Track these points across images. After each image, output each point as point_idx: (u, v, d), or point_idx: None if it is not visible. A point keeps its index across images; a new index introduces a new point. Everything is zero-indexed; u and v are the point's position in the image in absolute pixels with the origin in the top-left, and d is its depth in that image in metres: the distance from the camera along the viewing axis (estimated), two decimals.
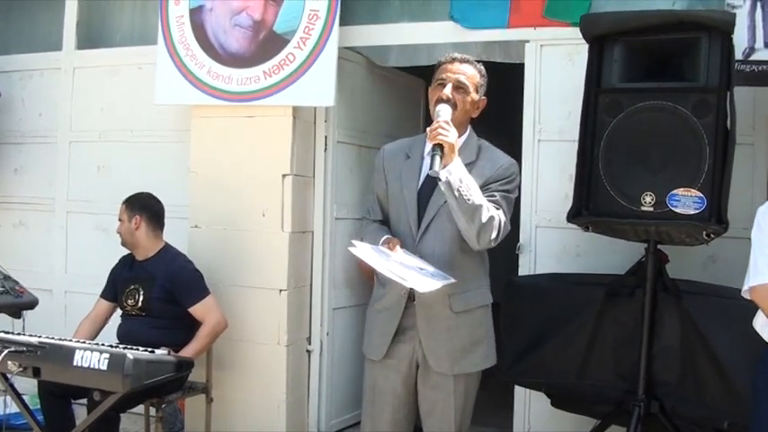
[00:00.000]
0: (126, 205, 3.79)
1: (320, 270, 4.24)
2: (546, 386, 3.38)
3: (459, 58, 2.82)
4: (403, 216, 2.79)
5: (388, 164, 2.88)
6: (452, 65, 2.80)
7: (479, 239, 2.65)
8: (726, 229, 2.85)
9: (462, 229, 2.65)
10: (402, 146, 2.94)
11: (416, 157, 2.83)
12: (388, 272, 2.54)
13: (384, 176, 2.88)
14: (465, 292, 2.76)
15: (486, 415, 4.48)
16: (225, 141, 4.19)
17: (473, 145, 2.83)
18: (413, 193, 2.78)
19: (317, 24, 3.95)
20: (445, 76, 2.77)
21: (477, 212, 2.58)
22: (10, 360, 2.94)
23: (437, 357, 2.75)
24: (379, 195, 2.91)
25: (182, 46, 4.23)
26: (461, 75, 2.77)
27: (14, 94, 4.95)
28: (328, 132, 4.21)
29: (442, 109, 2.67)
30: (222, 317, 3.69)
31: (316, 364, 4.25)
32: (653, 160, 2.95)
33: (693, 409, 3.03)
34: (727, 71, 2.87)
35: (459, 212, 2.59)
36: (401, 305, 2.75)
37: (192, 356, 3.50)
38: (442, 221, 2.73)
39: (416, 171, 2.81)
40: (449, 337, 2.75)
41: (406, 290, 2.69)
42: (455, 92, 2.75)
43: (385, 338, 2.78)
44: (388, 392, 2.82)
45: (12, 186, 4.98)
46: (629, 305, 3.17)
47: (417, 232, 2.74)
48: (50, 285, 4.75)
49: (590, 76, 3.12)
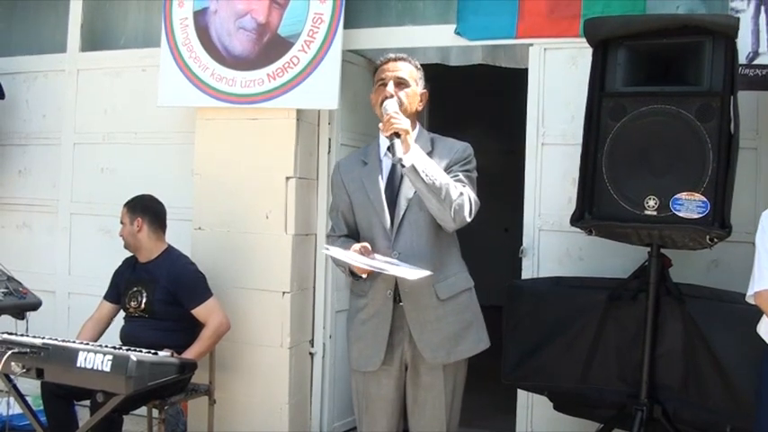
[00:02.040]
0: (127, 208, 3.79)
1: (323, 272, 4.25)
2: (548, 390, 3.38)
3: (393, 57, 2.87)
4: (374, 219, 2.80)
5: (346, 176, 2.90)
6: (388, 65, 2.85)
7: (455, 217, 2.67)
8: (729, 233, 2.84)
9: (435, 211, 2.67)
10: (356, 156, 2.99)
11: (374, 161, 2.87)
12: (370, 266, 2.59)
13: (345, 190, 2.89)
14: (447, 278, 2.80)
15: (489, 418, 4.49)
16: (228, 143, 4.20)
17: (425, 137, 2.88)
18: (379, 194, 2.80)
19: (321, 27, 3.96)
20: (384, 75, 2.82)
21: (446, 191, 2.62)
22: (13, 361, 2.95)
23: (432, 349, 2.76)
24: (343, 210, 2.91)
25: (185, 48, 4.24)
26: (399, 71, 2.82)
27: (19, 96, 4.96)
28: (332, 135, 4.22)
29: (389, 103, 2.71)
30: (225, 318, 3.69)
31: (318, 367, 4.26)
32: (656, 164, 2.95)
33: (696, 414, 3.03)
34: (731, 75, 2.87)
35: (430, 194, 2.61)
36: (389, 308, 2.76)
37: (194, 358, 3.50)
38: (414, 213, 2.76)
39: (377, 173, 2.83)
40: (439, 326, 2.77)
41: (390, 291, 2.74)
42: (397, 88, 2.79)
43: (379, 347, 2.78)
44: (381, 399, 2.84)
45: (15, 188, 4.99)
46: (631, 309, 3.16)
47: (392, 230, 2.76)
48: (54, 287, 4.76)
49: (593, 80, 3.12)
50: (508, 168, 4.93)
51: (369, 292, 2.80)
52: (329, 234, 3.01)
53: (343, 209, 2.91)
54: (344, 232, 2.91)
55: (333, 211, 2.99)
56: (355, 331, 2.88)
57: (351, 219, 2.90)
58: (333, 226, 2.98)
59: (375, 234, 2.79)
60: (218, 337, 3.69)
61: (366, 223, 2.83)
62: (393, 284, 2.74)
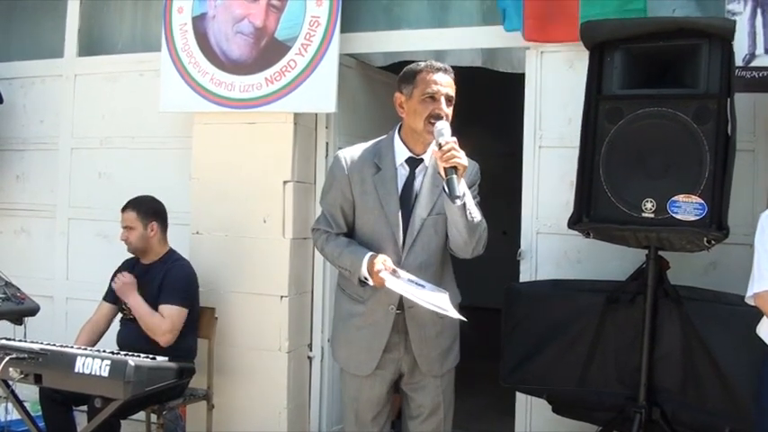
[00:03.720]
0: (137, 212, 3.74)
1: (321, 276, 4.24)
2: (547, 393, 3.38)
3: (442, 68, 2.71)
4: (385, 231, 2.73)
5: (354, 175, 2.76)
6: (438, 75, 2.67)
7: (474, 251, 2.71)
8: (726, 235, 2.84)
9: (460, 243, 2.67)
10: (367, 154, 2.80)
11: (389, 169, 2.75)
12: (425, 303, 2.56)
13: (350, 188, 2.76)
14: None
15: (488, 421, 4.49)
16: (226, 148, 4.20)
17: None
18: (396, 207, 2.73)
19: (318, 31, 3.96)
20: (435, 89, 2.65)
21: (479, 228, 2.64)
22: (11, 367, 2.95)
23: (429, 362, 2.78)
24: (344, 207, 2.79)
25: (185, 54, 4.24)
26: (449, 88, 2.69)
27: (16, 101, 4.96)
28: (329, 138, 4.22)
29: (446, 129, 2.59)
30: (170, 334, 3.55)
31: (317, 371, 4.25)
32: (653, 167, 2.96)
33: (694, 416, 3.03)
34: (728, 78, 2.88)
35: (465, 230, 2.61)
36: (389, 321, 2.74)
37: (132, 306, 3.57)
38: (428, 236, 2.74)
39: (393, 183, 2.74)
40: (437, 342, 2.79)
41: (393, 306, 2.71)
42: (447, 106, 2.68)
43: (373, 354, 2.77)
44: (373, 402, 2.83)
45: (13, 193, 4.99)
46: (629, 311, 3.16)
47: (403, 247, 2.72)
48: (52, 292, 4.75)
49: (590, 83, 3.13)
50: (506, 171, 4.93)
51: (368, 301, 2.75)
52: (323, 229, 2.83)
53: (345, 206, 2.80)
54: (343, 230, 2.82)
55: (331, 205, 2.82)
56: (347, 335, 2.83)
57: (350, 218, 2.81)
58: (327, 221, 2.82)
59: (383, 246, 2.72)
60: (151, 331, 3.56)
61: (373, 233, 2.75)
62: (397, 300, 2.70)
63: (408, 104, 2.71)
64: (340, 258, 2.75)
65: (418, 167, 2.76)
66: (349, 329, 2.82)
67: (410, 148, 2.76)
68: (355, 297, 2.80)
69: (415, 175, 2.76)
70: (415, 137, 2.74)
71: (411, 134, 2.75)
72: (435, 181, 2.70)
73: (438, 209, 2.72)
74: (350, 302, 2.83)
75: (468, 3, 4.01)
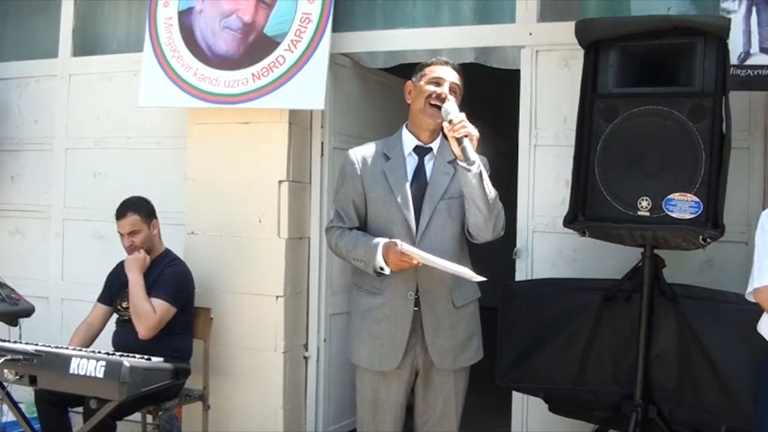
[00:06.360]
0: (139, 214, 3.70)
1: (317, 276, 4.24)
2: (543, 391, 3.38)
3: (450, 63, 2.86)
4: (397, 215, 2.76)
5: (364, 169, 2.83)
6: (443, 67, 2.83)
7: (494, 229, 2.73)
8: (722, 233, 2.84)
9: (480, 220, 2.69)
10: (376, 148, 2.89)
11: (398, 157, 2.83)
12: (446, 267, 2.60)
13: (361, 182, 2.83)
14: (462, 287, 2.81)
15: (484, 420, 4.49)
16: (221, 148, 4.19)
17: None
18: (406, 192, 2.77)
19: (309, 27, 3.92)
20: (440, 76, 2.79)
21: (495, 201, 2.68)
22: (6, 368, 2.94)
23: (441, 354, 2.78)
24: (356, 202, 2.85)
25: (168, 48, 4.19)
26: (455, 79, 2.82)
27: (10, 102, 4.95)
28: (324, 138, 4.21)
29: (452, 106, 2.68)
30: (154, 330, 3.54)
31: (313, 371, 4.24)
32: (649, 165, 2.95)
33: (691, 414, 3.03)
34: (723, 76, 2.88)
35: (482, 203, 2.64)
36: (409, 309, 2.75)
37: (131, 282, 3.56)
38: (442, 219, 2.76)
39: (402, 169, 2.81)
40: (451, 333, 2.79)
41: (412, 293, 2.73)
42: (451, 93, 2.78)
43: (396, 348, 2.76)
44: (390, 404, 2.84)
45: (8, 194, 4.97)
46: (625, 310, 3.16)
47: (417, 231, 2.74)
48: (47, 293, 4.75)
49: (585, 82, 3.12)
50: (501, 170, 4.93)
51: (385, 291, 2.77)
52: (337, 226, 2.88)
53: (357, 200, 2.85)
54: (356, 224, 2.85)
55: (343, 200, 2.88)
56: (368, 330, 2.82)
57: (362, 211, 2.85)
58: (340, 216, 2.87)
59: (396, 231, 2.74)
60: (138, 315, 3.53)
61: (385, 218, 2.78)
62: (414, 286, 2.74)
63: (415, 90, 2.83)
64: (354, 250, 2.76)
65: (427, 155, 2.83)
66: (369, 324, 2.82)
67: (417, 136, 2.83)
68: (372, 290, 2.80)
69: (425, 163, 2.82)
70: (419, 122, 2.81)
71: (416, 120, 2.83)
72: (445, 168, 2.79)
73: (450, 193, 2.76)
74: (367, 297, 2.83)
75: (462, 2, 4.00)
